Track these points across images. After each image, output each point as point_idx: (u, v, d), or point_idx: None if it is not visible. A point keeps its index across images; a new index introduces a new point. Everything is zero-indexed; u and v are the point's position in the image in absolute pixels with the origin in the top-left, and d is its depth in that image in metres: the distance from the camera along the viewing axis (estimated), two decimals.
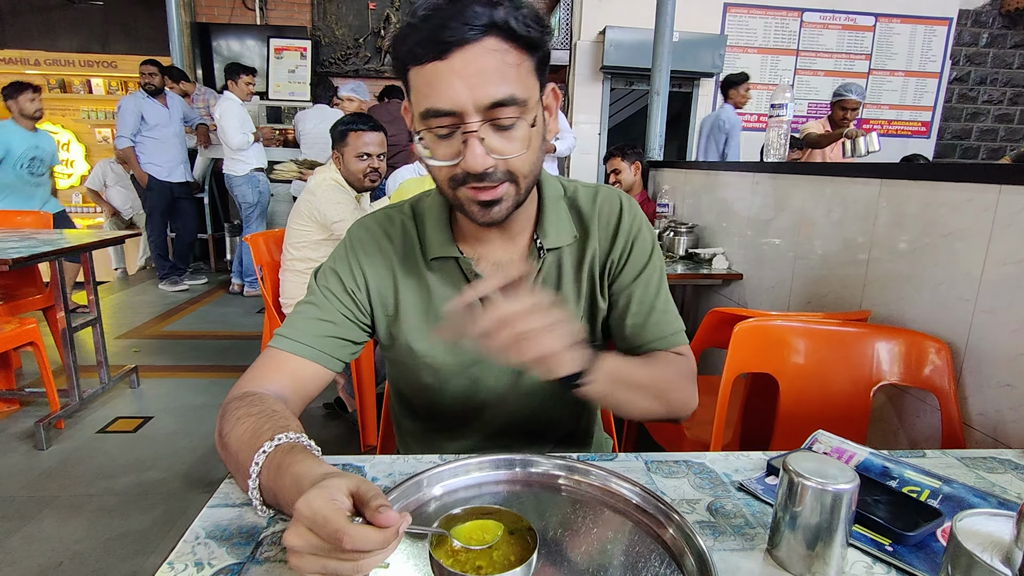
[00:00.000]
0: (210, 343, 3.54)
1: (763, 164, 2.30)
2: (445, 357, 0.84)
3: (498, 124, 0.66)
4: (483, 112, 0.64)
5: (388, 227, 0.85)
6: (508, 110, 0.65)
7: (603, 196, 0.88)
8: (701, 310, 2.71)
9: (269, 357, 0.77)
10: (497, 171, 0.68)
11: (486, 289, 0.62)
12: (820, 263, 1.82)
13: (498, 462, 0.71)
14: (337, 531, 0.45)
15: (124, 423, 2.45)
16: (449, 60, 0.63)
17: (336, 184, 2.29)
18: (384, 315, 0.84)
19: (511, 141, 0.68)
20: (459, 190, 0.71)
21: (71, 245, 2.33)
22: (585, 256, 0.85)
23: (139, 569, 1.60)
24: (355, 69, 5.51)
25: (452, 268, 0.82)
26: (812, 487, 0.54)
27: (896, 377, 1.21)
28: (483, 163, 0.66)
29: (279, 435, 0.60)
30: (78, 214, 5.44)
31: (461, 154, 0.66)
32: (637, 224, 0.87)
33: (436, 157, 0.69)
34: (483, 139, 0.65)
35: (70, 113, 5.70)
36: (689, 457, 0.78)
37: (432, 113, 0.65)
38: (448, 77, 0.63)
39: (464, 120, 0.65)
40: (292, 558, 0.47)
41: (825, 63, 5.59)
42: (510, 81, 0.65)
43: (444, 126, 0.66)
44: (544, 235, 0.82)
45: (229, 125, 4.14)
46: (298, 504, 0.47)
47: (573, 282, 0.85)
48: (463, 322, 0.61)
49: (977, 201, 1.22)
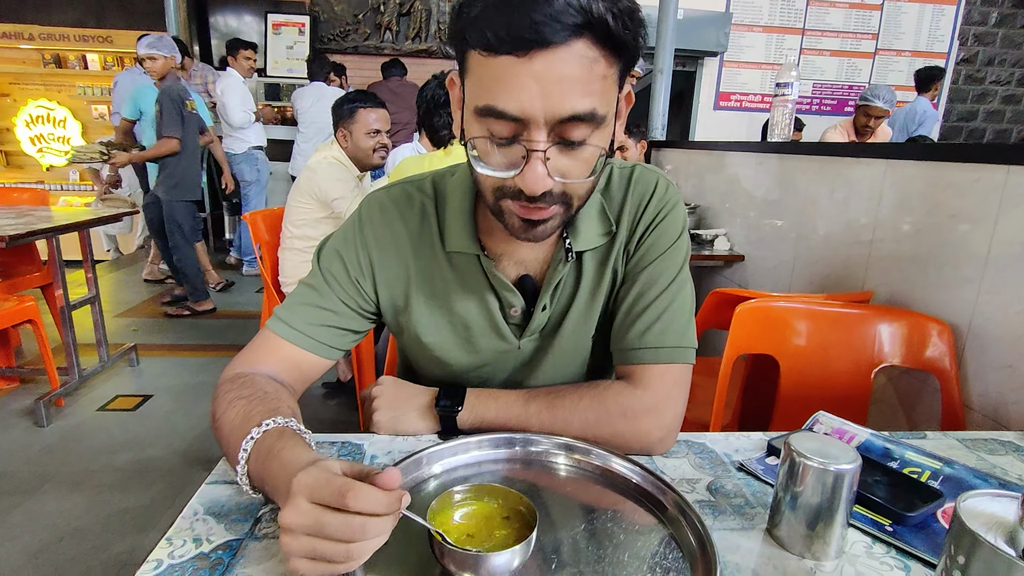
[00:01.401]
0: (209, 322, 3.54)
1: (767, 144, 2.27)
2: (455, 354, 0.79)
3: (567, 140, 0.57)
4: (554, 126, 0.56)
5: (405, 209, 0.77)
6: (583, 127, 0.56)
7: (637, 176, 0.78)
8: (702, 291, 2.70)
9: (265, 339, 0.74)
10: (553, 193, 0.60)
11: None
12: (823, 244, 1.81)
13: (498, 441, 0.71)
14: (341, 487, 0.45)
15: (124, 401, 2.46)
16: (529, 60, 0.53)
17: (337, 162, 2.27)
18: (392, 305, 0.79)
19: (578, 162, 0.59)
20: (503, 201, 0.62)
21: (69, 222, 2.31)
22: (612, 252, 0.76)
23: (139, 545, 1.62)
24: (354, 46, 5.42)
25: (472, 264, 0.75)
26: (814, 467, 0.53)
27: (898, 359, 1.21)
28: (543, 186, 0.57)
29: (267, 420, 0.59)
30: (74, 192, 5.41)
31: (517, 167, 0.57)
32: (668, 208, 0.76)
33: (486, 162, 0.59)
34: (548, 159, 0.57)
35: (66, 89, 5.61)
36: (689, 437, 0.78)
37: (495, 114, 0.56)
38: (523, 79, 0.53)
39: (530, 131, 0.56)
40: (284, 538, 0.46)
41: (831, 42, 5.50)
42: (594, 94, 0.55)
43: (504, 134, 0.57)
44: (575, 235, 0.74)
45: (231, 103, 4.09)
46: (295, 478, 0.47)
47: (593, 284, 0.77)
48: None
49: (984, 181, 1.20)
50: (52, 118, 5.58)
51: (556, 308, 0.77)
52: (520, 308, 0.76)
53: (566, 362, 0.80)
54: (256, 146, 4.34)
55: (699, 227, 2.64)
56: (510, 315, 0.77)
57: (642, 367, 0.73)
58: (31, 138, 5.59)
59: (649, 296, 0.74)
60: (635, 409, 0.71)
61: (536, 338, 0.79)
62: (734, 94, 5.48)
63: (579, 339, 0.79)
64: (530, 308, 0.76)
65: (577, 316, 0.77)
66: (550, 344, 0.79)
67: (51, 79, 5.57)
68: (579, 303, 0.77)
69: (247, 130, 4.23)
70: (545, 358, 0.79)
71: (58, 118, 5.60)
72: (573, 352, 0.80)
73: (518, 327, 0.78)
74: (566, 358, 0.80)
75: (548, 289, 0.75)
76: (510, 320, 0.77)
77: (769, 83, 5.45)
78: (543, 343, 0.79)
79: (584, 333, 0.79)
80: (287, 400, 0.67)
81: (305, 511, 0.45)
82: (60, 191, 5.41)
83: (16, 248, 2.45)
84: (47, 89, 5.61)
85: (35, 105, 5.54)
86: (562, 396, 0.73)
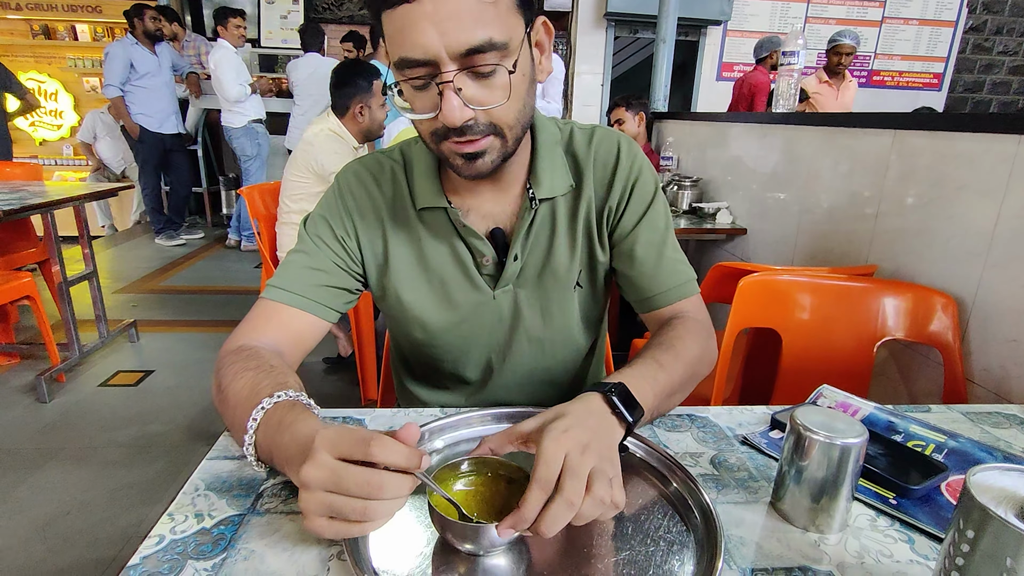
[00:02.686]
0: (209, 297, 3.53)
1: (771, 115, 2.24)
2: (433, 312, 0.81)
3: (476, 72, 0.60)
4: (458, 60, 0.58)
5: (378, 174, 0.81)
6: (486, 56, 0.59)
7: (599, 137, 0.82)
8: (704, 265, 2.69)
9: (262, 308, 0.75)
10: (478, 123, 0.63)
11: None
12: (826, 217, 1.79)
13: (500, 415, 0.70)
14: (364, 436, 0.46)
15: (125, 376, 2.47)
16: (420, 3, 0.56)
17: (334, 134, 2.23)
18: (375, 265, 0.82)
19: (491, 90, 0.61)
20: (442, 144, 0.66)
21: (63, 197, 2.29)
22: (580, 204, 0.80)
23: (145, 517, 1.64)
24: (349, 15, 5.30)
25: (441, 219, 0.78)
26: (820, 441, 0.53)
27: (901, 332, 1.20)
28: (461, 116, 0.60)
29: (279, 392, 0.59)
30: (69, 167, 5.35)
31: (439, 106, 0.61)
32: (637, 166, 0.81)
33: (415, 110, 0.64)
34: (460, 89, 0.59)
35: (56, 61, 5.50)
36: (692, 411, 0.77)
37: (405, 63, 0.59)
38: (419, 22, 0.57)
39: (439, 70, 0.59)
40: (303, 495, 0.46)
41: (837, 11, 5.37)
42: (487, 23, 0.58)
43: (419, 77, 0.60)
44: (537, 184, 0.77)
45: (226, 76, 4.00)
46: (318, 434, 0.47)
47: (567, 234, 0.80)
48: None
49: (994, 152, 1.18)
50: (43, 91, 5.49)
51: (531, 259, 0.80)
52: (491, 257, 0.78)
53: (554, 312, 0.82)
54: (255, 119, 4.27)
55: (701, 200, 2.61)
56: (483, 264, 0.79)
57: (686, 300, 0.81)
58: None
59: (656, 245, 0.80)
60: (708, 332, 0.79)
61: (510, 290, 0.81)
62: (737, 64, 5.37)
63: (561, 290, 0.81)
64: (502, 259, 0.79)
65: (555, 267, 0.80)
66: (532, 297, 0.81)
67: (40, 51, 5.47)
68: (556, 254, 0.80)
69: (244, 103, 4.15)
70: (528, 311, 0.82)
71: (49, 91, 5.51)
72: (560, 302, 0.82)
73: (491, 277, 0.80)
74: (554, 308, 0.82)
75: (517, 238, 0.77)
76: (483, 270, 0.80)
77: None
78: (522, 296, 0.81)
79: (565, 283, 0.81)
80: (293, 376, 0.67)
81: (325, 464, 0.46)
82: (54, 166, 5.36)
83: (11, 224, 2.43)
84: (37, 61, 5.50)
85: (26, 78, 5.43)
86: (665, 349, 0.70)
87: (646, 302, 0.83)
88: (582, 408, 0.57)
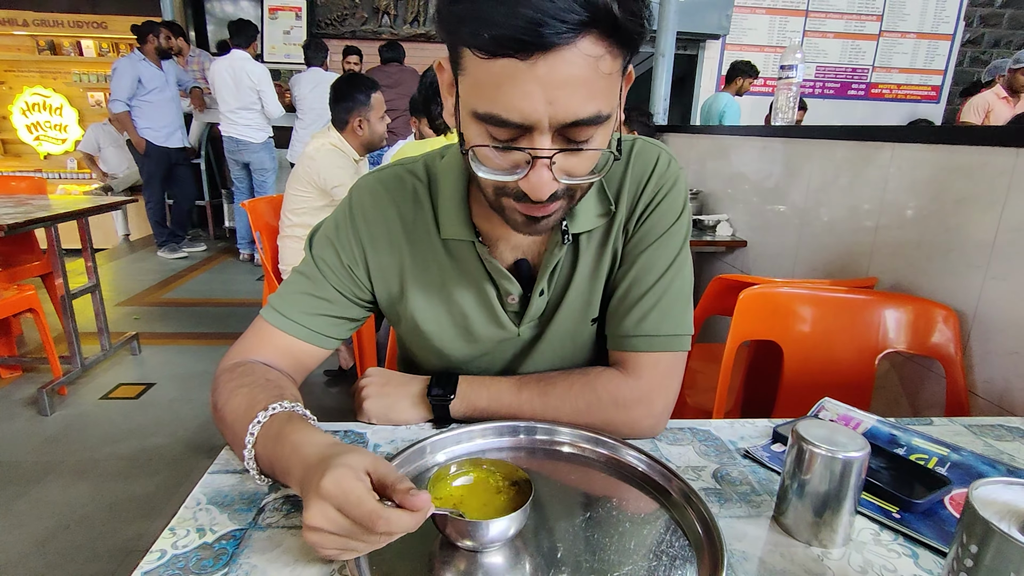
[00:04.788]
0: (211, 310, 3.54)
1: (771, 128, 2.25)
2: (454, 344, 0.78)
3: (573, 142, 0.54)
4: (559, 129, 0.53)
5: (397, 193, 0.74)
6: (588, 129, 0.53)
7: (638, 151, 0.74)
8: (704, 277, 2.69)
9: (260, 330, 0.73)
10: (558, 192, 0.57)
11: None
12: (826, 230, 1.80)
13: (502, 429, 0.70)
14: (371, 513, 0.45)
15: (127, 389, 2.47)
16: (531, 64, 0.48)
17: (336, 148, 2.25)
18: (387, 293, 0.77)
19: (583, 161, 0.56)
20: (505, 199, 0.60)
21: (67, 211, 2.30)
22: (611, 232, 0.73)
23: (145, 532, 1.63)
24: (351, 30, 5.36)
25: (467, 251, 0.73)
26: (822, 454, 0.53)
27: (902, 345, 1.20)
28: (549, 190, 0.55)
29: (273, 404, 0.59)
30: (73, 180, 5.38)
31: (520, 170, 0.55)
32: (668, 186, 0.73)
33: (487, 166, 0.56)
34: (554, 163, 0.54)
35: (61, 76, 5.56)
36: (694, 424, 0.77)
37: (495, 121, 0.52)
38: (526, 84, 0.49)
39: (533, 137, 0.52)
40: (311, 536, 0.46)
41: (835, 24, 5.43)
42: (599, 95, 0.52)
43: (506, 138, 0.54)
44: (572, 218, 0.70)
45: (271, 93, 4.11)
46: (323, 483, 0.46)
47: (592, 265, 0.74)
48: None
49: (993, 165, 1.19)
50: (48, 106, 5.54)
51: (554, 292, 0.76)
52: (517, 295, 0.74)
53: (566, 347, 0.79)
54: (271, 134, 4.33)
55: (701, 212, 2.62)
56: (508, 303, 0.75)
57: (635, 355, 0.72)
58: (28, 126, 5.55)
59: (646, 282, 0.72)
60: (626, 398, 0.70)
61: (535, 324, 0.77)
62: None
63: (578, 323, 0.77)
64: (527, 293, 0.74)
65: (575, 299, 0.75)
66: (548, 329, 0.77)
67: (46, 66, 5.52)
68: (577, 286, 0.75)
69: (262, 117, 4.23)
70: (544, 344, 0.78)
71: (54, 106, 5.56)
72: (573, 336, 0.78)
73: (516, 314, 0.76)
74: (566, 342, 0.78)
75: (545, 273, 0.72)
76: (508, 308, 0.75)
77: (772, 66, 5.39)
78: (542, 329, 0.78)
79: (583, 317, 0.77)
80: (290, 387, 0.67)
81: (332, 518, 0.46)
82: (58, 179, 5.39)
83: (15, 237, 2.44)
84: (42, 76, 5.56)
85: (31, 92, 5.49)
86: (553, 383, 0.72)
87: (609, 338, 0.76)
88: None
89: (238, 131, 4.22)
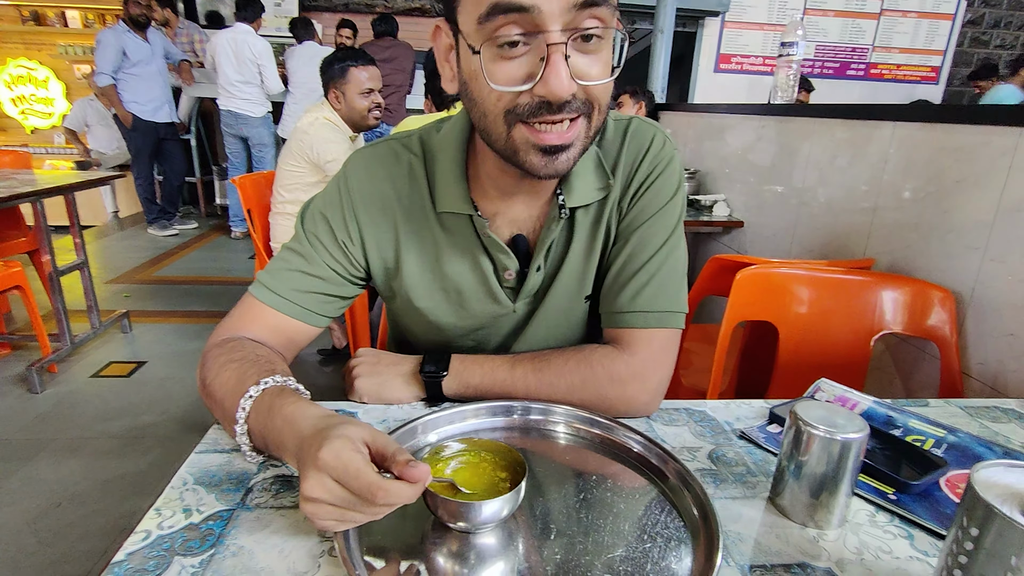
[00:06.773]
0: (202, 288, 3.51)
1: (770, 107, 2.22)
2: (448, 318, 0.77)
3: (585, 36, 0.52)
4: (571, 15, 0.50)
5: (393, 167, 0.73)
6: (600, 11, 0.51)
7: (634, 129, 0.73)
8: (700, 257, 2.68)
9: (250, 307, 0.71)
10: (576, 100, 0.55)
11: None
12: (824, 210, 1.78)
13: (495, 409, 0.69)
14: (371, 485, 0.44)
15: (117, 367, 2.45)
16: None
17: (329, 123, 2.20)
18: (383, 268, 0.76)
19: (596, 63, 0.54)
20: (517, 129, 0.56)
21: (52, 186, 2.25)
22: (605, 209, 0.72)
23: (137, 509, 1.62)
24: (345, 3, 5.23)
25: (463, 225, 0.71)
26: (821, 436, 0.52)
27: (899, 326, 1.19)
28: (569, 88, 0.52)
29: (265, 379, 0.58)
30: (61, 155, 5.28)
31: (535, 75, 0.52)
32: (663, 165, 0.72)
33: (496, 80, 0.54)
34: (569, 56, 0.51)
35: (46, 48, 5.43)
36: (689, 405, 0.76)
37: (502, 8, 0.50)
38: None
39: (545, 28, 0.50)
40: (309, 507, 0.45)
41: (835, 2, 5.35)
42: None
43: (516, 33, 0.51)
44: (569, 191, 0.69)
45: (271, 68, 4.08)
46: (322, 455, 0.45)
47: (586, 242, 0.73)
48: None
49: (994, 145, 1.17)
50: (34, 78, 5.42)
51: (549, 269, 0.75)
52: (514, 270, 0.73)
53: (560, 324, 0.78)
54: (270, 109, 4.29)
55: (698, 192, 2.60)
56: (504, 278, 0.74)
57: (630, 331, 0.71)
58: (13, 99, 5.44)
59: (640, 258, 0.71)
60: (621, 374, 0.70)
61: (530, 300, 0.77)
62: (735, 56, 5.35)
63: (572, 300, 0.76)
64: (524, 269, 0.74)
65: (569, 276, 0.74)
66: (542, 306, 0.76)
67: (30, 37, 5.39)
68: (571, 263, 0.74)
69: (261, 92, 4.19)
70: (538, 320, 0.77)
71: (40, 78, 5.44)
72: (567, 313, 0.77)
73: (512, 290, 0.75)
74: (560, 320, 0.77)
75: (542, 249, 0.71)
76: (504, 283, 0.74)
77: (771, 45, 5.33)
78: (536, 305, 0.77)
79: (577, 294, 0.76)
80: (280, 364, 0.66)
81: (330, 490, 0.45)
82: (45, 155, 5.29)
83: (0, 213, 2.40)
84: (27, 48, 5.42)
85: (15, 65, 5.36)
86: (548, 360, 0.71)
87: (604, 316, 0.75)
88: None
89: (237, 104, 4.16)
